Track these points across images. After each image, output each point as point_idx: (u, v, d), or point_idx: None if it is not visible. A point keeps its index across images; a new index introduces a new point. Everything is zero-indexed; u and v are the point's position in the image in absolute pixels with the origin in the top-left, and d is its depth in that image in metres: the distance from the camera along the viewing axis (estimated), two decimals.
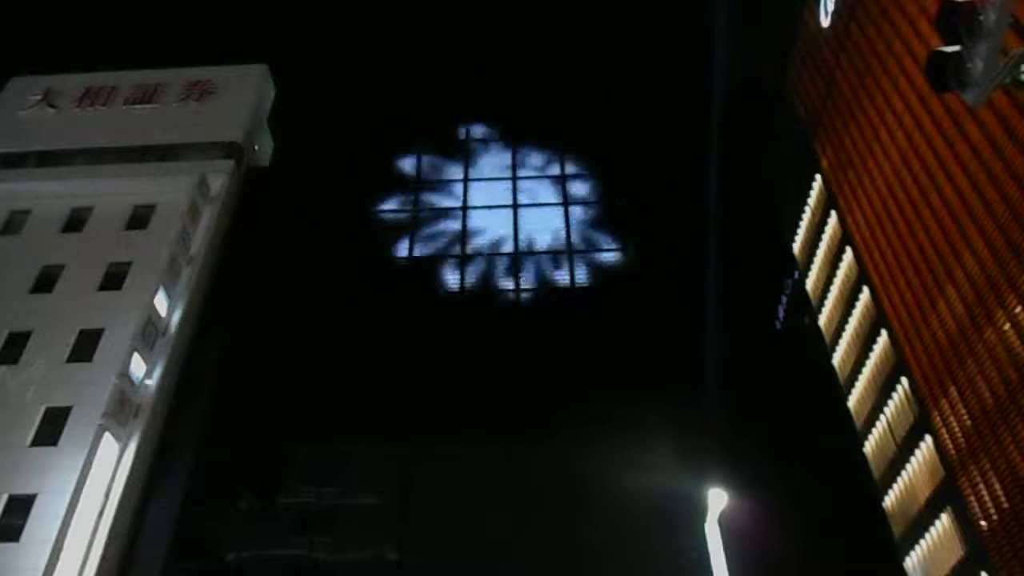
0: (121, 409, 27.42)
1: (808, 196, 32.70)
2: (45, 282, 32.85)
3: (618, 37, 46.22)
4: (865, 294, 27.30)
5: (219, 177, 37.22)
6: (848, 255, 28.74)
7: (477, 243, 35.74)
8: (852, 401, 27.94)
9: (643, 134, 38.68)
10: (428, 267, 34.63)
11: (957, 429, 21.34)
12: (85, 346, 30.14)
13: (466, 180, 38.40)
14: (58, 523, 24.54)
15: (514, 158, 38.92)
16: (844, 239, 29.14)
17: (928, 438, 22.97)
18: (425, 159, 39.63)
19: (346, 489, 27.82)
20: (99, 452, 26.15)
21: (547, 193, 37.67)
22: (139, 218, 35.47)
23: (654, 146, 38.00)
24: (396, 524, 26.68)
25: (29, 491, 26.00)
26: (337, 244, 35.64)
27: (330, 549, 26.62)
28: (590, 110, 40.92)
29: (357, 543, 26.59)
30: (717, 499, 18.64)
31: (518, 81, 43.26)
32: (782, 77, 36.06)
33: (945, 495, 21.97)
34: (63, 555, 24.01)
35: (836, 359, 29.26)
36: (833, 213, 30.24)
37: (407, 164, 39.53)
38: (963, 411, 21.03)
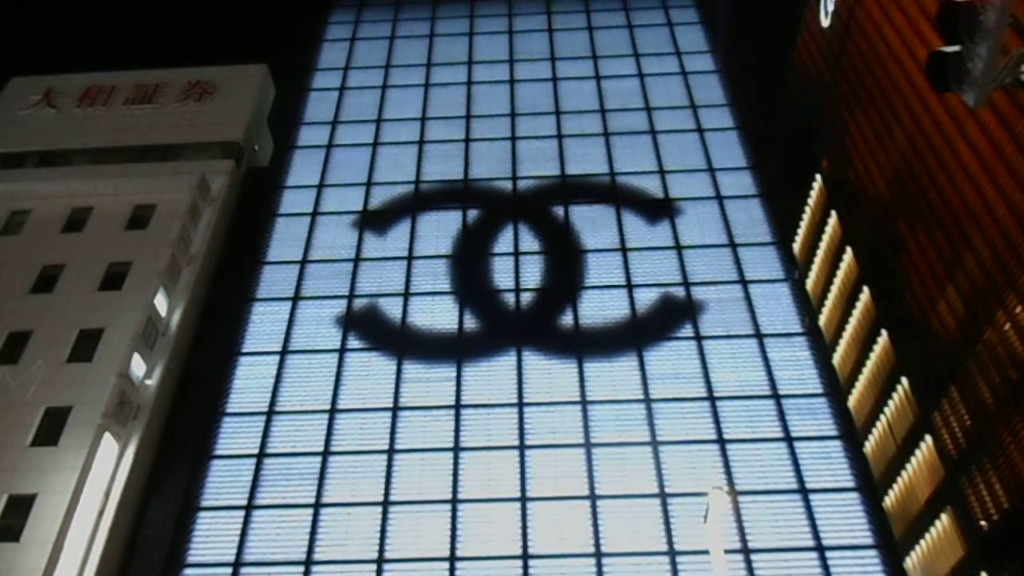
0: (121, 409, 27.38)
1: (808, 196, 32.69)
2: (45, 282, 32.84)
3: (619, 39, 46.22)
4: (865, 294, 27.30)
5: (219, 177, 37.22)
6: (848, 255, 28.74)
7: None
8: (852, 401, 27.93)
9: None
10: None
11: (957, 429, 21.35)
12: (85, 346, 30.13)
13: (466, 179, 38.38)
14: (58, 523, 24.46)
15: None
16: (844, 239, 29.14)
17: (928, 438, 22.98)
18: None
19: None
20: (99, 452, 26.09)
21: None
22: (139, 218, 35.52)
23: None
24: None
25: (29, 491, 25.99)
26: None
27: None
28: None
29: None
30: (717, 499, 18.56)
31: None
32: (782, 77, 36.05)
33: (945, 495, 21.98)
34: (63, 555, 23.95)
35: (836, 359, 29.25)
36: (833, 213, 30.24)
37: None
38: (963, 411, 21.04)
